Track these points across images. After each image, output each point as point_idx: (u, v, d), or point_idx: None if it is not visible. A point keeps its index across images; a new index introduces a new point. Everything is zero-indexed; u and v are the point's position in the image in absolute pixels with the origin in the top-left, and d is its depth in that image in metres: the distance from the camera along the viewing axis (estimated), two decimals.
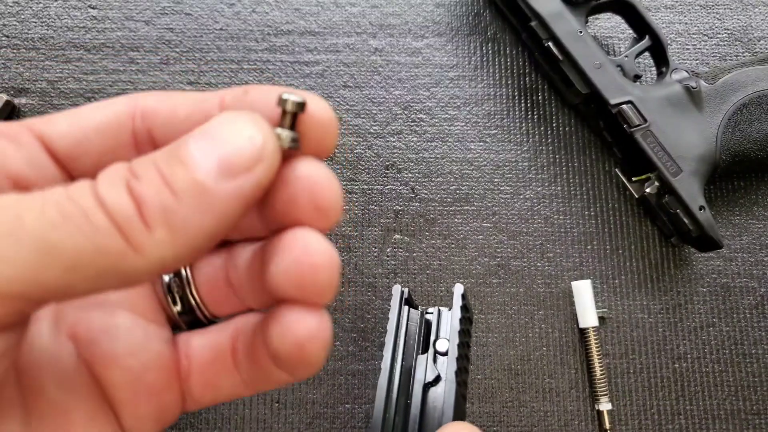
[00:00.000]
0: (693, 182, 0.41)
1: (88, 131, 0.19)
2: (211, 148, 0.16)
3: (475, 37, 0.48)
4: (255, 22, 0.47)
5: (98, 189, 0.15)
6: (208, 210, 0.15)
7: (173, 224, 0.15)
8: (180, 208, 0.15)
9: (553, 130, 0.46)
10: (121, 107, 0.19)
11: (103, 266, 0.15)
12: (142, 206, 0.15)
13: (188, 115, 0.19)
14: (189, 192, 0.15)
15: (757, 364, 0.42)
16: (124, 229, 0.15)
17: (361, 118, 0.45)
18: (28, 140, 0.18)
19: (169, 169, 0.15)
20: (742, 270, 0.44)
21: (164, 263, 0.15)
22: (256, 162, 0.16)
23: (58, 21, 0.46)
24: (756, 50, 0.48)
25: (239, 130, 0.16)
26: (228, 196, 0.16)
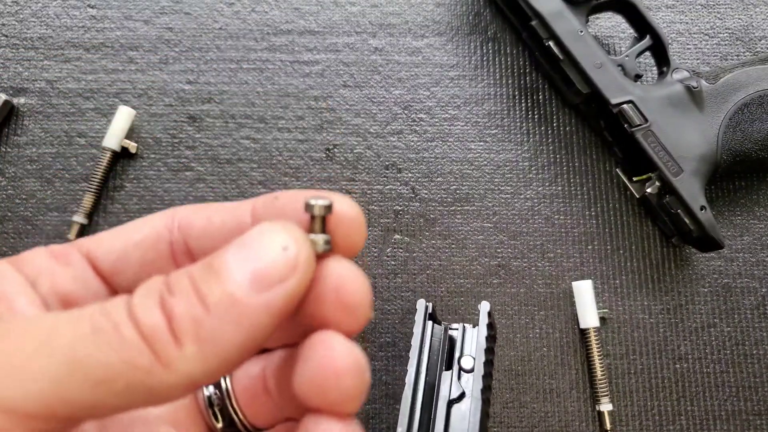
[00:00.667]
0: (694, 182, 0.41)
1: (129, 247, 0.20)
2: (245, 260, 0.16)
3: (476, 37, 0.47)
4: (254, 21, 0.47)
5: (132, 303, 0.15)
6: (239, 323, 0.15)
7: (203, 338, 0.15)
8: (210, 321, 0.15)
9: (554, 130, 0.46)
10: (159, 222, 0.20)
11: (131, 382, 0.15)
12: (172, 320, 0.15)
13: (222, 224, 0.20)
14: (220, 305, 0.15)
15: (758, 365, 0.42)
16: (152, 344, 0.15)
17: (361, 117, 0.45)
18: (77, 259, 0.20)
19: (203, 282, 0.16)
20: (743, 270, 0.44)
21: (193, 379, 0.15)
22: (290, 272, 0.16)
23: (57, 20, 0.46)
24: (757, 50, 0.48)
25: (273, 240, 0.16)
26: (260, 307, 0.15)
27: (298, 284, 0.16)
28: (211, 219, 0.20)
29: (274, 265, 0.16)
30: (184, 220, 0.20)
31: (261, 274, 0.16)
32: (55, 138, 0.44)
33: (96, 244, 0.20)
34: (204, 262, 0.16)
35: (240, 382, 0.21)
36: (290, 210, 0.19)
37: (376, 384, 0.41)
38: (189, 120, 0.45)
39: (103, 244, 0.20)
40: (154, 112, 0.45)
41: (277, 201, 0.19)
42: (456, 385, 0.31)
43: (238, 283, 0.15)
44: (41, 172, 0.43)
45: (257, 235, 0.16)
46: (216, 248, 0.17)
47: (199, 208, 0.20)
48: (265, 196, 0.20)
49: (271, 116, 0.45)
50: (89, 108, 0.45)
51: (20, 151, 0.44)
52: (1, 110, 0.43)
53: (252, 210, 0.20)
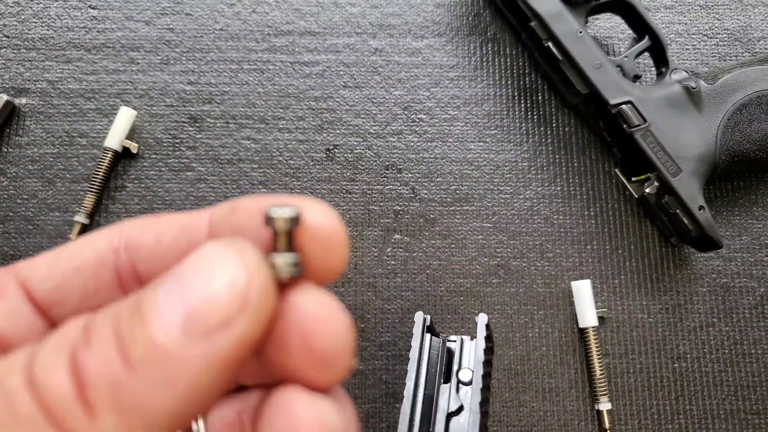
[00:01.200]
0: (692, 182, 0.41)
1: (67, 273, 0.16)
2: (180, 296, 0.12)
3: (475, 38, 0.48)
4: (255, 22, 0.47)
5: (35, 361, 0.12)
6: (170, 382, 0.12)
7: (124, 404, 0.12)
8: (133, 383, 0.12)
9: (553, 131, 0.46)
10: (102, 242, 0.17)
11: None
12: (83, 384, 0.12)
13: (173, 242, 0.16)
14: (145, 359, 0.12)
15: (756, 364, 0.42)
16: (57, 418, 0.12)
17: (361, 118, 0.46)
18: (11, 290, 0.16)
19: (128, 329, 0.12)
20: (741, 270, 0.44)
21: None
22: (238, 312, 0.12)
23: (58, 21, 0.46)
24: (756, 50, 0.48)
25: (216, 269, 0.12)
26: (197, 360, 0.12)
27: (248, 328, 0.12)
28: (160, 237, 0.16)
29: (215, 303, 0.12)
30: (131, 239, 0.17)
31: (197, 315, 0.12)
32: (57, 138, 0.44)
33: (32, 271, 0.16)
34: (132, 299, 0.13)
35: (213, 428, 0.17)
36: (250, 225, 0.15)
37: (376, 383, 0.41)
38: (190, 120, 0.45)
39: (40, 271, 0.16)
40: (155, 113, 0.45)
41: (235, 214, 0.15)
42: (454, 398, 0.31)
43: (166, 328, 0.12)
44: (43, 173, 0.44)
45: (195, 261, 0.13)
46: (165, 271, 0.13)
47: (148, 223, 0.17)
48: (222, 207, 0.16)
49: (272, 117, 0.45)
50: (90, 108, 0.45)
51: (22, 151, 0.44)
52: (3, 110, 0.43)
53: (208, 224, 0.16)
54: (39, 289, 0.16)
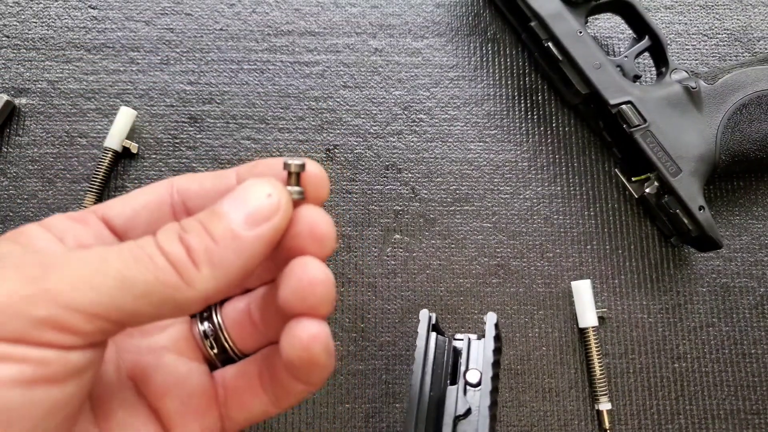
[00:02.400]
0: (692, 182, 0.41)
1: (138, 209, 0.24)
2: (240, 206, 0.21)
3: (475, 38, 0.48)
4: (255, 22, 0.47)
5: (158, 240, 0.20)
6: (240, 251, 0.20)
7: (214, 263, 0.20)
8: (219, 250, 0.20)
9: (553, 131, 0.46)
10: (161, 188, 0.25)
11: (164, 296, 0.19)
12: (190, 251, 0.20)
13: (213, 187, 0.24)
14: (225, 238, 0.20)
15: (756, 364, 0.42)
16: (178, 268, 0.19)
17: (361, 118, 0.46)
18: (94, 221, 0.24)
19: (209, 223, 0.20)
20: (741, 270, 0.44)
21: (208, 294, 0.20)
22: (274, 213, 0.21)
23: (58, 21, 0.46)
24: (756, 50, 0.48)
25: (260, 190, 0.21)
26: (254, 239, 0.20)
27: (280, 221, 0.21)
28: (203, 184, 0.25)
29: (262, 208, 0.21)
30: (181, 186, 0.25)
31: (253, 215, 0.20)
32: (57, 138, 0.44)
33: (108, 208, 0.24)
34: (208, 209, 0.21)
35: (229, 316, 0.26)
36: (268, 173, 0.23)
37: (376, 383, 0.41)
38: (190, 120, 0.45)
39: (115, 208, 0.24)
40: (155, 113, 0.45)
41: (256, 168, 0.24)
42: (462, 400, 0.29)
43: (237, 222, 0.20)
44: (43, 173, 0.44)
45: (248, 187, 0.21)
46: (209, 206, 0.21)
47: (192, 176, 0.25)
48: (247, 164, 0.24)
49: (272, 117, 0.45)
50: (90, 108, 0.45)
51: (22, 151, 0.44)
52: (3, 111, 0.43)
53: (236, 175, 0.24)
54: (116, 221, 0.24)
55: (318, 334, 0.21)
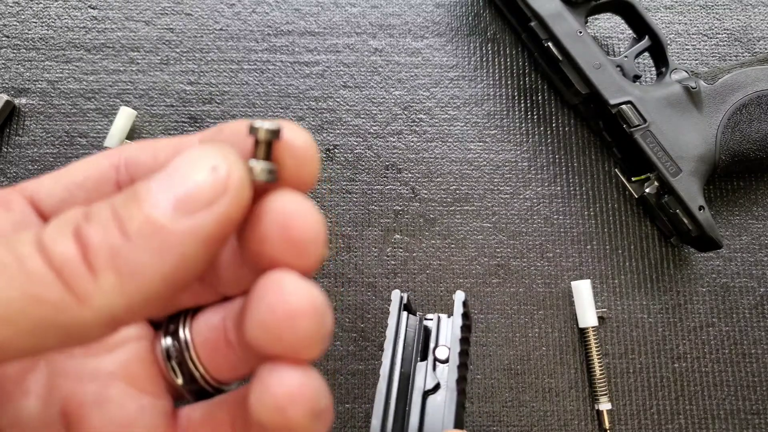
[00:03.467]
0: (692, 182, 0.41)
1: (72, 187, 0.18)
2: (170, 184, 0.14)
3: (475, 38, 0.48)
4: (255, 22, 0.47)
5: (43, 233, 0.14)
6: (163, 251, 0.14)
7: (122, 268, 0.14)
8: (130, 249, 0.14)
9: (553, 131, 0.46)
10: (104, 160, 0.19)
11: (41, 318, 0.13)
12: (87, 250, 0.14)
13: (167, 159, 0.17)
14: (141, 232, 0.14)
15: (756, 364, 0.42)
16: (63, 275, 0.13)
17: (361, 118, 0.46)
18: (19, 203, 0.18)
19: (124, 210, 0.14)
20: (741, 270, 0.44)
21: (114, 314, 0.14)
22: (219, 195, 0.14)
23: (58, 21, 0.46)
24: (755, 50, 0.48)
25: (200, 161, 0.15)
26: (186, 234, 0.14)
27: (228, 208, 0.14)
28: (156, 155, 0.19)
29: (201, 187, 0.14)
30: (130, 158, 0.19)
31: (186, 197, 0.14)
32: (57, 138, 0.44)
33: (38, 185, 0.19)
34: (127, 190, 0.15)
35: (200, 334, 0.19)
36: (234, 141, 0.17)
37: (375, 383, 0.41)
38: (190, 120, 0.45)
39: (45, 186, 0.19)
40: (155, 113, 0.45)
41: (221, 133, 0.18)
42: (431, 375, 0.30)
43: (160, 208, 0.14)
44: (43, 173, 0.43)
45: (185, 157, 0.15)
46: None
47: (146, 144, 0.19)
48: (210, 129, 0.18)
49: (272, 117, 0.45)
50: (90, 108, 0.45)
51: (22, 151, 0.44)
52: (3, 110, 0.43)
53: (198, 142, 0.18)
54: (46, 203, 0.18)
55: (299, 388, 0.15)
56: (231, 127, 0.18)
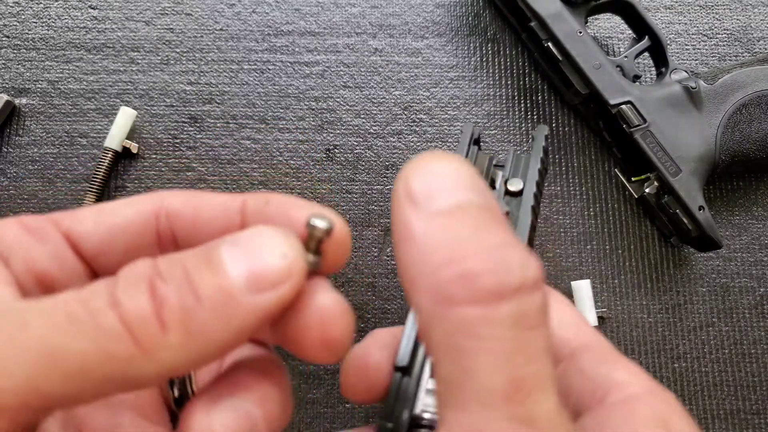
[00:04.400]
0: (692, 182, 0.41)
1: (114, 230, 0.19)
2: (243, 258, 0.16)
3: (475, 38, 0.48)
4: (255, 22, 0.47)
5: (116, 289, 0.15)
6: (229, 319, 0.15)
7: (191, 329, 0.15)
8: (201, 313, 0.15)
9: (553, 131, 0.46)
10: (146, 206, 0.19)
11: (110, 371, 0.14)
12: (162, 307, 0.15)
13: (212, 218, 0.19)
14: (214, 298, 0.15)
15: (756, 364, 0.42)
16: (134, 331, 0.14)
17: (361, 118, 0.46)
18: (54, 236, 0.18)
19: (196, 272, 0.15)
20: (741, 270, 0.44)
21: (173, 368, 0.15)
22: (285, 279, 0.16)
23: (58, 21, 0.46)
24: (755, 50, 0.48)
25: (273, 245, 0.16)
26: (253, 308, 0.15)
27: (290, 293, 0.16)
28: (199, 212, 0.19)
29: (272, 270, 0.16)
30: (171, 209, 0.19)
31: (259, 275, 0.15)
32: (57, 138, 0.44)
33: (76, 222, 0.19)
34: (198, 250, 0.16)
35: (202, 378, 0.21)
36: (280, 218, 0.18)
37: None
38: (190, 120, 0.45)
39: (85, 224, 0.19)
40: (155, 113, 0.45)
41: (269, 207, 0.19)
42: (501, 203, 0.26)
43: (233, 279, 0.15)
44: (43, 173, 0.44)
45: (256, 235, 0.16)
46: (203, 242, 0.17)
47: (188, 197, 0.20)
48: (256, 197, 0.19)
49: (272, 117, 0.45)
50: (91, 108, 0.45)
51: (22, 151, 0.44)
52: (3, 110, 0.43)
53: (241, 209, 0.19)
54: (86, 241, 0.19)
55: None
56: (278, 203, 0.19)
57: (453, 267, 0.14)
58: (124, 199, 0.20)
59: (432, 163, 0.15)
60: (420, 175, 0.15)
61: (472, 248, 0.14)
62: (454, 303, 0.13)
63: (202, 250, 0.16)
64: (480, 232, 0.14)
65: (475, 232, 0.14)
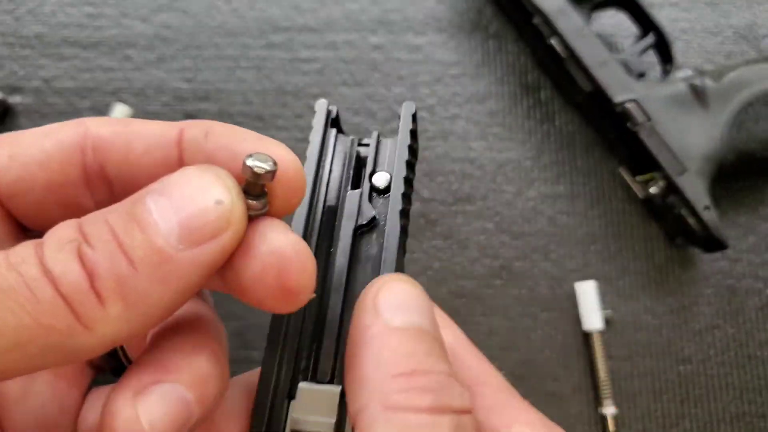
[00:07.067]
0: (698, 182, 0.40)
1: (31, 166, 0.17)
2: (172, 210, 0.14)
3: (477, 34, 0.47)
4: (253, 18, 0.47)
5: (45, 256, 0.14)
6: (168, 280, 0.14)
7: (129, 297, 0.14)
8: (137, 279, 0.14)
9: (557, 129, 0.46)
10: (68, 136, 0.17)
11: (48, 344, 0.13)
12: (94, 278, 0.14)
13: (145, 152, 0.17)
14: (148, 260, 0.14)
15: (762, 367, 0.42)
16: (74, 305, 0.13)
17: (361, 116, 0.45)
18: None
19: (125, 234, 0.14)
20: (747, 271, 0.43)
21: (116, 339, 0.14)
22: (223, 229, 0.14)
23: (53, 18, 0.46)
24: (762, 48, 0.48)
25: (205, 190, 0.15)
26: (191, 264, 0.14)
27: (229, 242, 0.15)
28: (131, 145, 0.17)
29: (206, 219, 0.14)
30: (100, 141, 0.17)
31: (192, 227, 0.14)
32: None
33: None
34: (124, 206, 0.15)
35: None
36: (222, 154, 0.17)
37: None
38: (186, 118, 0.44)
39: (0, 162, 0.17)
40: (150, 111, 0.45)
41: (208, 141, 0.17)
42: (367, 206, 0.23)
43: (165, 237, 0.14)
44: None
45: (185, 180, 0.15)
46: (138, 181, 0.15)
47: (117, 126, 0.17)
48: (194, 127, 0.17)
49: (270, 115, 0.45)
50: (85, 107, 0.44)
51: None
52: None
53: (177, 140, 0.17)
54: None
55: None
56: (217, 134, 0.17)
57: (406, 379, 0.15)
58: (41, 128, 0.17)
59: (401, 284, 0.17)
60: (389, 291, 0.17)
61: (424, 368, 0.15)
62: (402, 409, 0.15)
63: (128, 204, 0.15)
64: (431, 357, 0.16)
65: (427, 357, 0.16)
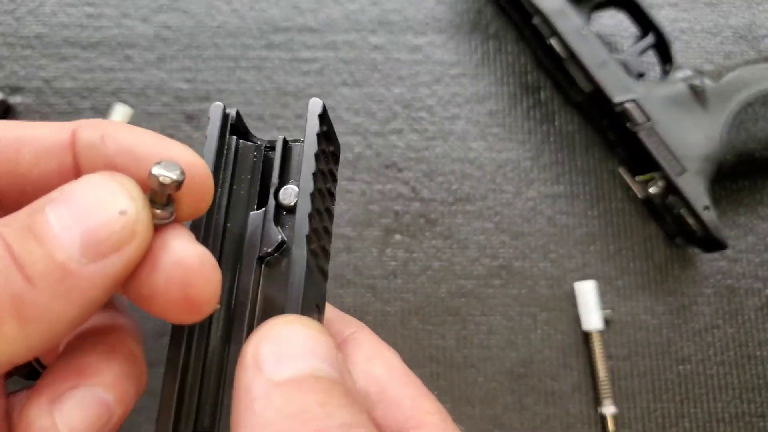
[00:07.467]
0: (697, 182, 0.40)
1: None
2: (74, 221, 0.13)
3: (477, 34, 0.47)
4: (253, 19, 0.47)
5: None
6: (71, 296, 0.13)
7: (26, 316, 0.13)
8: (36, 296, 0.13)
9: (556, 129, 0.46)
10: None
11: None
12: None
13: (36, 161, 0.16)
14: (47, 276, 0.13)
15: (762, 367, 0.42)
16: None
17: (361, 116, 0.45)
18: None
19: (21, 247, 0.13)
20: (747, 271, 0.43)
21: (13, 360, 0.13)
22: (128, 240, 0.14)
23: (53, 18, 0.46)
24: (761, 48, 0.48)
25: (108, 199, 0.14)
26: (95, 278, 0.13)
27: (134, 254, 0.14)
28: (20, 149, 0.16)
29: (111, 230, 0.13)
30: None
31: (96, 240, 0.13)
32: None
33: None
34: (19, 218, 0.13)
35: None
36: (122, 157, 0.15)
37: None
38: (186, 119, 0.45)
39: None
40: (151, 111, 0.44)
41: (105, 145, 0.16)
42: (272, 231, 0.19)
43: (66, 251, 0.13)
44: None
45: (87, 188, 0.14)
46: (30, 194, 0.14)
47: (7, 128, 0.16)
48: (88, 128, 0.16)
49: (270, 115, 0.45)
50: (86, 107, 0.44)
51: None
52: None
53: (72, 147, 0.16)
54: None
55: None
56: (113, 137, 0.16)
57: None
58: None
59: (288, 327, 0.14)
60: (272, 340, 0.14)
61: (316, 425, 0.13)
62: None
63: (24, 216, 0.13)
64: (324, 408, 0.13)
65: (319, 407, 0.13)
